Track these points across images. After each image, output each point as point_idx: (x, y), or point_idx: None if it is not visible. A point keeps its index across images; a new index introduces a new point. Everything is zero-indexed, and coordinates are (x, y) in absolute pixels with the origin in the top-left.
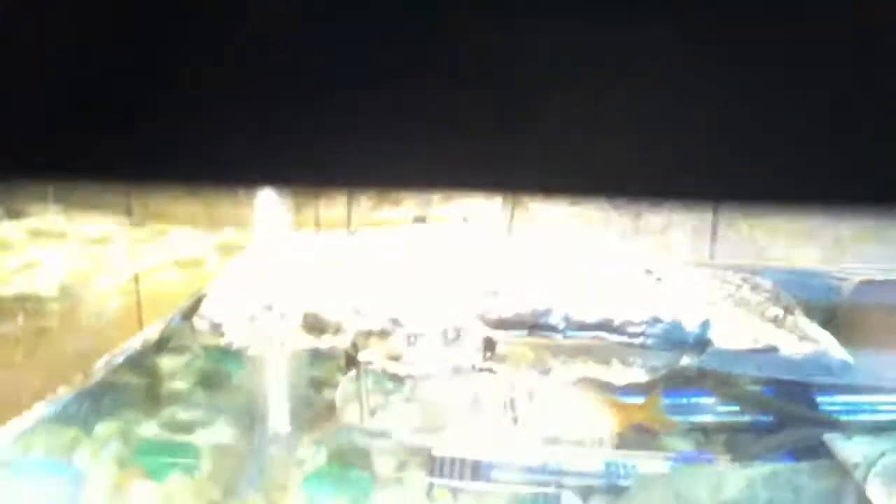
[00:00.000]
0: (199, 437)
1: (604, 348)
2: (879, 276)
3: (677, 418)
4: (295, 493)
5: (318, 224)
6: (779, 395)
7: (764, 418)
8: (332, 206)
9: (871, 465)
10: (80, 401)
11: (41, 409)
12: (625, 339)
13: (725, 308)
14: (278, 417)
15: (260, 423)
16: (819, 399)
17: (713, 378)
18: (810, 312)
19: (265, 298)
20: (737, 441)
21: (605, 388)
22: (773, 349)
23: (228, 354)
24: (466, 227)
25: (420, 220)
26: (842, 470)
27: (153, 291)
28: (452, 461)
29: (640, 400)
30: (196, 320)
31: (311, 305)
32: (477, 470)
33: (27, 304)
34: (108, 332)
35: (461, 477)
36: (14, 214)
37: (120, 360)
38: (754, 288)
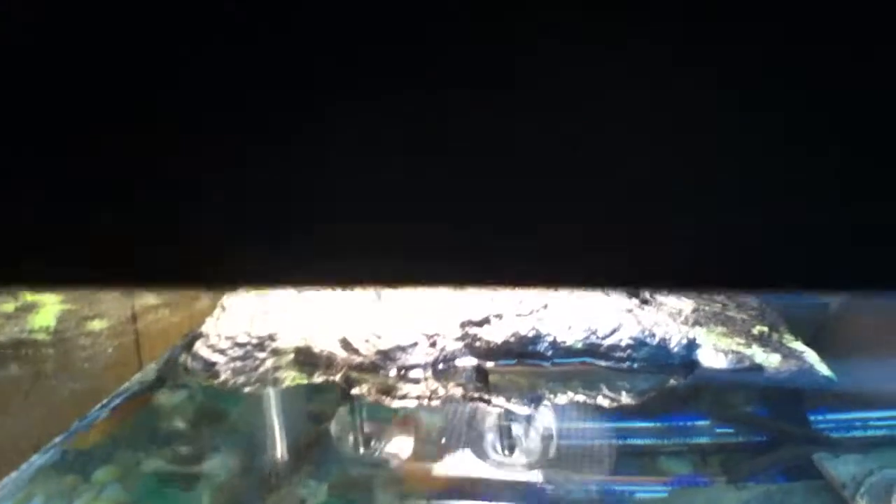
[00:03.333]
0: (199, 476)
1: (592, 373)
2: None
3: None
4: None
5: None
6: (771, 414)
7: (757, 438)
8: None
9: (858, 484)
10: (76, 447)
11: (38, 458)
12: (612, 363)
13: (711, 327)
14: (278, 453)
15: (260, 459)
16: (811, 417)
17: (707, 400)
18: (797, 328)
19: (257, 336)
20: (732, 462)
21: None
22: (758, 368)
23: (225, 392)
24: None
25: None
26: (832, 489)
27: (146, 332)
28: (451, 487)
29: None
30: (189, 361)
31: (302, 341)
32: (475, 496)
33: (22, 349)
34: (104, 375)
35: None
36: None
37: (116, 401)
38: (740, 306)
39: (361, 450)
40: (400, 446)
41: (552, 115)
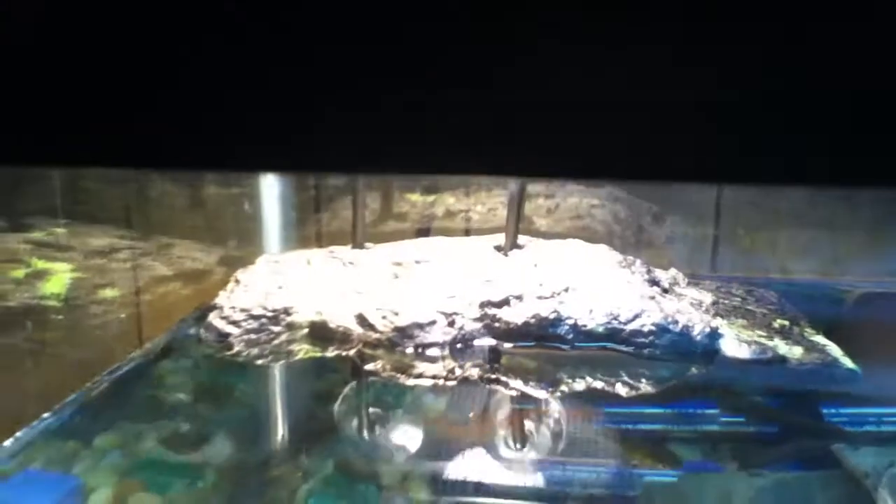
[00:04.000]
0: (202, 450)
1: (611, 359)
2: (880, 289)
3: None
4: None
5: (320, 237)
6: (784, 406)
7: (769, 429)
8: (336, 220)
9: (879, 474)
10: (80, 413)
11: (42, 422)
12: (633, 349)
13: (732, 319)
14: (282, 429)
15: (264, 434)
16: (824, 410)
17: (719, 389)
18: (815, 323)
19: (272, 309)
20: (743, 451)
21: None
22: (781, 360)
23: (232, 366)
24: (471, 239)
25: (424, 232)
26: (851, 480)
27: (157, 303)
28: (457, 474)
29: None
30: (202, 332)
31: (317, 316)
32: (482, 482)
33: (31, 315)
34: (111, 344)
35: (465, 491)
36: (18, 227)
37: (122, 371)
38: (759, 300)
39: (367, 429)
40: (405, 427)
41: (552, 115)
